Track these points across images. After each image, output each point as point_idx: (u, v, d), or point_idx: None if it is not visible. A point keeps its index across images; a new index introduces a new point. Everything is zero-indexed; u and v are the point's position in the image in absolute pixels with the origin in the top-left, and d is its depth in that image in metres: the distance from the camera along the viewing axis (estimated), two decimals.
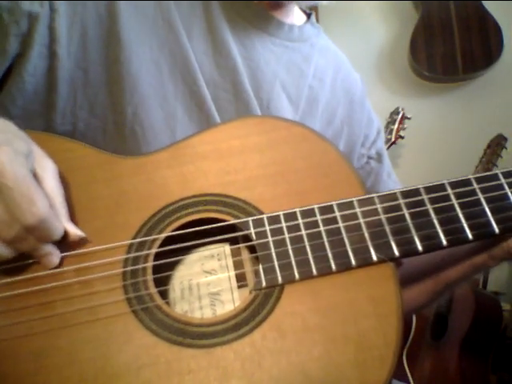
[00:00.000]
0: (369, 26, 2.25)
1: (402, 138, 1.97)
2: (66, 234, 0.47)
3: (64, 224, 0.47)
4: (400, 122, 1.98)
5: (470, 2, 2.11)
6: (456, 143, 2.13)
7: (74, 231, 0.48)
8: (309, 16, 0.77)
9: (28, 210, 0.42)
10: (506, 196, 0.50)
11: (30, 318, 0.46)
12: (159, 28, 0.62)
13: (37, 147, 0.49)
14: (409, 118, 1.99)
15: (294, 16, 0.74)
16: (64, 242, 0.48)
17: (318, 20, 0.80)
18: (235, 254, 0.55)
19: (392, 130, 1.97)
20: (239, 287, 0.53)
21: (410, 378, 1.64)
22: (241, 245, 0.54)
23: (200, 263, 0.55)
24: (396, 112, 2.01)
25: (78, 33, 0.58)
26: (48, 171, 0.47)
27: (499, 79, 2.13)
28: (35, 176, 0.46)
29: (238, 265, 0.54)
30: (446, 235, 0.49)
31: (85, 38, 0.58)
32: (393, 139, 1.96)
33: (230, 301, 0.52)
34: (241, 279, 0.53)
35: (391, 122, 1.99)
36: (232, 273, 0.54)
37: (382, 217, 0.50)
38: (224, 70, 0.64)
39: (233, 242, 0.55)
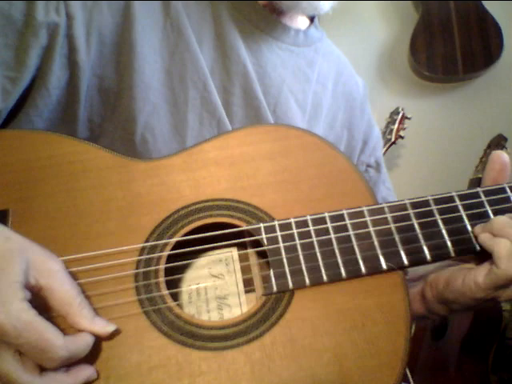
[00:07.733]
0: (369, 26, 2.24)
1: (401, 137, 1.96)
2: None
3: (91, 325, 0.43)
4: (400, 122, 1.97)
5: (470, 1, 2.10)
6: (456, 143, 2.13)
7: (104, 329, 0.44)
8: (312, 19, 0.77)
9: (47, 359, 0.39)
10: None
11: (43, 317, 0.45)
12: (170, 35, 0.61)
13: (34, 251, 0.42)
14: (409, 118, 1.99)
15: (299, 20, 0.74)
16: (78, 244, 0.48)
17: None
18: (243, 259, 0.55)
19: (392, 130, 1.96)
20: (246, 292, 0.53)
21: (410, 378, 1.64)
22: (249, 250, 0.54)
23: (207, 267, 0.55)
24: (396, 112, 2.00)
25: (96, 40, 0.57)
26: (54, 275, 0.42)
27: (499, 79, 2.13)
28: (41, 290, 0.41)
29: (245, 270, 0.54)
30: (453, 245, 0.50)
31: (102, 45, 0.58)
32: (393, 139, 1.95)
33: (237, 305, 0.52)
34: (248, 284, 0.54)
35: (391, 122, 1.98)
36: (239, 277, 0.54)
37: (392, 226, 0.51)
38: (234, 75, 0.64)
39: (240, 246, 0.55)
